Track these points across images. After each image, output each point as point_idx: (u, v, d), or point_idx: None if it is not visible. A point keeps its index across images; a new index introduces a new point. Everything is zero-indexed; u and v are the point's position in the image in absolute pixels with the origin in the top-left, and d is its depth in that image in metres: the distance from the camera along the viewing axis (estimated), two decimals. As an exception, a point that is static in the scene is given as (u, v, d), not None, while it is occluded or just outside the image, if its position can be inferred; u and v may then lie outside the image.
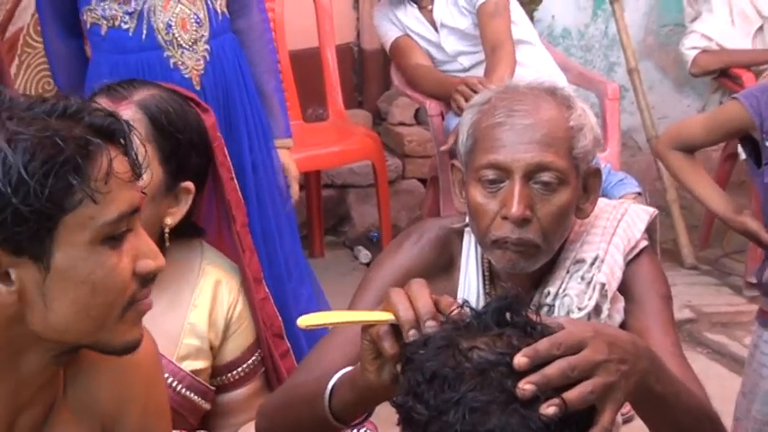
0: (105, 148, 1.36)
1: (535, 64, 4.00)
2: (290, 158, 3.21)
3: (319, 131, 4.48)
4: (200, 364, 2.15)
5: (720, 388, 2.77)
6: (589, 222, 1.99)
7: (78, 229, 1.35)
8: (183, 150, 2.12)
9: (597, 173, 1.96)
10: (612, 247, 1.96)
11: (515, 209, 1.83)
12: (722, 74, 4.60)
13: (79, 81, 2.99)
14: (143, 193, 1.49)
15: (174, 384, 2.13)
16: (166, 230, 2.11)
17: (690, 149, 2.72)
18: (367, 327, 1.53)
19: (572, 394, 1.37)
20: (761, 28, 4.51)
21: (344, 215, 4.88)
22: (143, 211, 1.60)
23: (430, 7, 4.03)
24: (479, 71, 3.90)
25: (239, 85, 3.04)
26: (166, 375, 2.08)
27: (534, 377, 1.36)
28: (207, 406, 2.17)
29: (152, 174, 2.03)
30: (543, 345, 1.39)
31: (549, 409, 1.35)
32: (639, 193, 3.75)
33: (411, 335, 1.47)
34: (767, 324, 2.63)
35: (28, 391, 1.45)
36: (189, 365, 2.14)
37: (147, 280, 1.44)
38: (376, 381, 1.54)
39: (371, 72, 5.12)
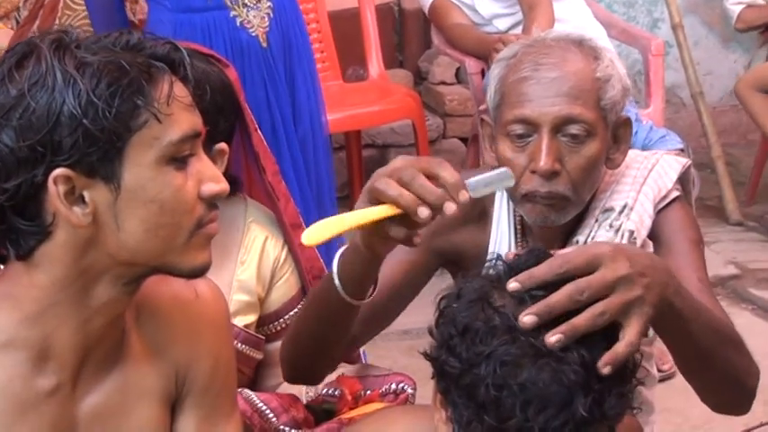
0: (167, 71, 1.44)
1: (574, 19, 3.99)
2: None
3: (359, 91, 4.49)
4: (251, 318, 2.21)
5: (766, 344, 2.74)
6: (620, 172, 2.00)
7: (145, 149, 1.42)
8: (211, 116, 2.14)
9: (627, 122, 1.98)
10: (642, 196, 1.98)
11: (543, 162, 1.85)
12: (768, 28, 4.58)
13: None
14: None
15: None
16: None
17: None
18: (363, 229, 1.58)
19: (579, 319, 1.37)
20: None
21: (386, 175, 4.91)
22: None
23: None
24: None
25: (299, 40, 3.09)
26: None
27: (535, 307, 1.37)
28: (259, 356, 2.24)
29: None
30: (540, 268, 1.40)
31: (552, 337, 1.35)
32: (682, 150, 3.71)
33: (423, 215, 1.50)
34: None
35: (99, 323, 1.51)
36: (241, 321, 2.21)
37: (212, 204, 1.50)
38: (383, 249, 1.62)
39: (412, 31, 5.14)
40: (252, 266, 2.23)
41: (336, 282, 1.71)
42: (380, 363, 2.39)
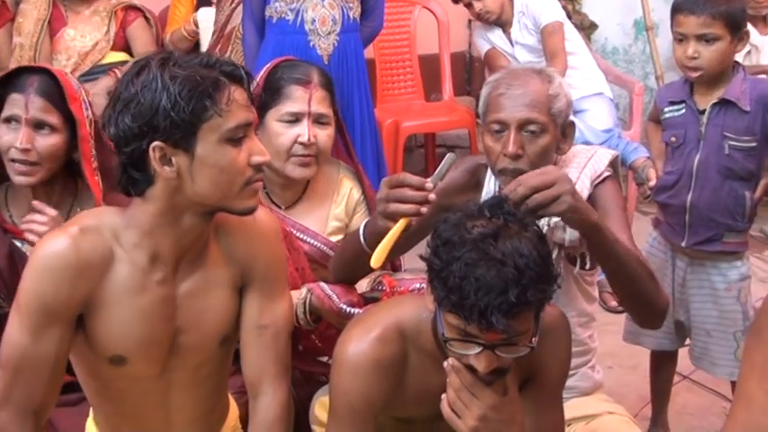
0: (227, 83, 1.47)
1: (582, 67, 3.95)
2: None
3: (436, 108, 4.50)
4: (340, 236, 2.28)
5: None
6: (569, 159, 1.98)
7: (211, 132, 1.46)
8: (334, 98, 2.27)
9: (572, 124, 1.96)
10: (583, 175, 1.94)
11: (511, 148, 1.86)
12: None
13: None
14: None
15: (325, 249, 2.22)
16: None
17: (654, 120, 2.75)
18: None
19: (531, 200, 1.57)
20: (749, 52, 4.33)
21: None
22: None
23: (509, 29, 4.04)
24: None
25: (356, 66, 3.13)
26: (320, 245, 2.21)
27: (512, 184, 1.59)
28: None
29: (333, 119, 2.22)
30: (527, 174, 1.58)
31: (509, 190, 1.57)
32: (648, 157, 3.64)
33: (424, 210, 1.62)
34: (656, 225, 2.64)
35: (187, 240, 1.57)
36: (334, 238, 2.26)
37: (260, 169, 1.53)
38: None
39: (477, 70, 5.12)
40: (342, 205, 2.28)
41: (362, 240, 1.78)
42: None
